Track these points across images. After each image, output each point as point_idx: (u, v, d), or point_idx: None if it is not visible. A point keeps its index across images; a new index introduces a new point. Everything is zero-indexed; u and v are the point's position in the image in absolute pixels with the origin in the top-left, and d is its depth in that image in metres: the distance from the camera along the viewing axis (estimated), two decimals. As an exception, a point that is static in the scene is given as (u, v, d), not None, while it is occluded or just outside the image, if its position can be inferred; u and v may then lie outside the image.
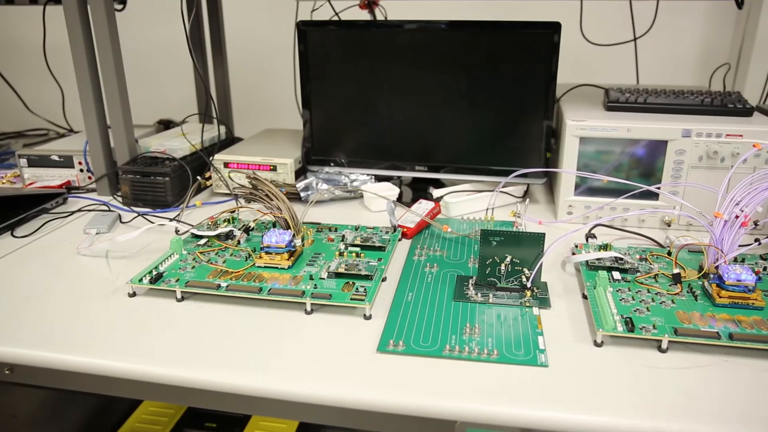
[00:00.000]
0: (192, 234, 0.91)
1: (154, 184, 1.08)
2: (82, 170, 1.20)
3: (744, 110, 0.99)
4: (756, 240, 0.83)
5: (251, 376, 0.61)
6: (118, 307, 0.74)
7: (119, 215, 1.04)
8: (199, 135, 1.25)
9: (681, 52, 1.79)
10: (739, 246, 0.76)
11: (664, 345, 0.64)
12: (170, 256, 0.84)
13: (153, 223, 0.98)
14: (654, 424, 0.54)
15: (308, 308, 0.72)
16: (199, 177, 1.13)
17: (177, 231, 0.95)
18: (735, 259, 0.80)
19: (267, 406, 0.64)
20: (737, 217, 0.73)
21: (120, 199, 1.12)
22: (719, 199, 0.76)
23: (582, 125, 0.96)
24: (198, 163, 1.18)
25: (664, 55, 1.74)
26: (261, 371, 0.62)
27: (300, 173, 1.18)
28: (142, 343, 0.67)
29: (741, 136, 0.92)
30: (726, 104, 1.00)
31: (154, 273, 0.78)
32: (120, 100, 1.10)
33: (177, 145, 1.19)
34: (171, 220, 1.00)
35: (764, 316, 0.68)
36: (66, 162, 1.20)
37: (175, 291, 0.76)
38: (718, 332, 0.64)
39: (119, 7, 1.27)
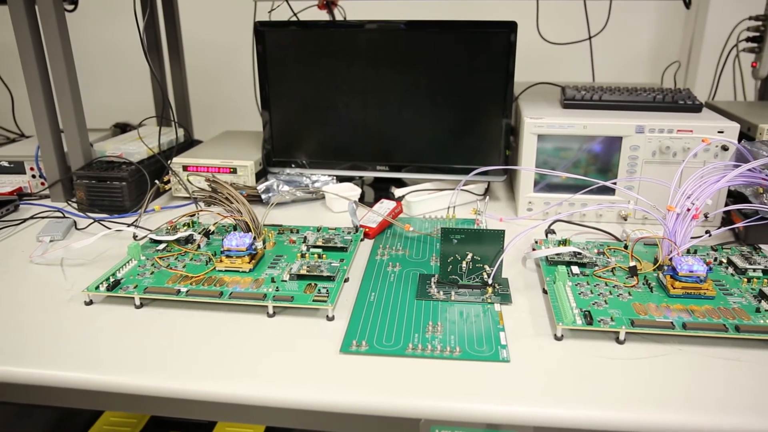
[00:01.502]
0: (150, 239, 0.89)
1: (111, 189, 1.06)
2: (34, 176, 1.16)
3: (693, 106, 1.02)
4: (707, 232, 0.86)
5: (214, 381, 0.60)
6: (75, 316, 0.72)
7: (74, 222, 1.01)
8: (157, 138, 1.22)
9: (634, 50, 1.84)
10: (692, 238, 0.78)
11: (622, 336, 0.65)
12: (128, 262, 0.82)
13: (110, 229, 0.95)
14: (614, 414, 0.55)
15: (270, 311, 0.72)
16: (157, 181, 1.11)
17: (135, 236, 0.93)
18: (688, 251, 0.83)
19: (231, 411, 0.63)
20: (689, 210, 0.76)
21: (75, 205, 1.09)
22: (671, 192, 0.78)
23: (539, 123, 0.98)
24: (156, 167, 1.16)
25: (618, 54, 1.79)
26: (224, 376, 0.61)
27: (261, 175, 1.17)
28: (101, 352, 0.65)
29: (691, 131, 0.95)
30: (677, 101, 1.03)
31: (112, 280, 0.76)
32: (73, 103, 1.07)
33: (134, 148, 1.16)
34: (129, 225, 0.98)
35: (715, 305, 0.70)
36: (17, 168, 1.16)
37: (133, 298, 0.74)
38: (672, 322, 0.66)
39: (70, 7, 1.23)
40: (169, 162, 1.14)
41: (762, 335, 0.64)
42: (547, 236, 0.92)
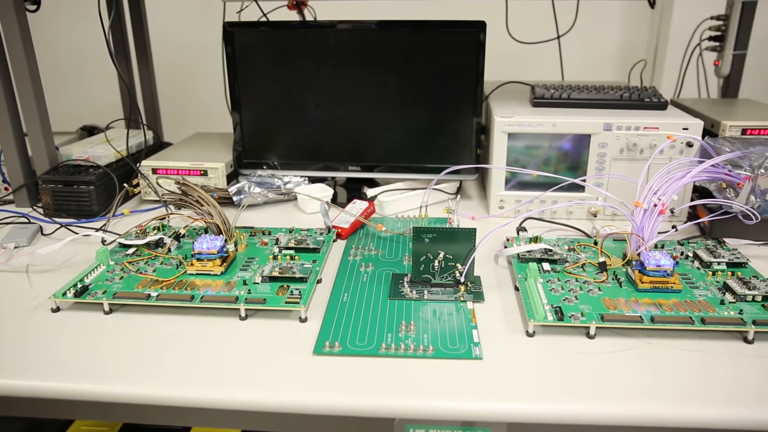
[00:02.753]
0: (119, 244, 0.88)
1: (78, 193, 1.04)
2: (-3, 181, 1.13)
3: (659, 104, 1.04)
4: (673, 227, 0.87)
5: (187, 386, 0.60)
6: (41, 324, 0.71)
7: (40, 227, 0.99)
8: (125, 141, 1.20)
9: (602, 49, 1.87)
10: (659, 233, 0.80)
11: (592, 331, 0.66)
12: (96, 267, 0.81)
13: (77, 234, 0.93)
14: (586, 408, 0.56)
15: (242, 314, 0.71)
16: (126, 185, 1.09)
17: (103, 241, 0.92)
18: (655, 246, 0.85)
19: (205, 416, 0.62)
20: (655, 205, 0.77)
21: (41, 210, 1.07)
22: (638, 189, 0.80)
23: (509, 121, 0.99)
24: (125, 170, 1.14)
25: (587, 52, 1.81)
26: (196, 381, 0.60)
27: (232, 177, 1.16)
28: (69, 360, 0.64)
29: (657, 128, 0.97)
30: (643, 99, 1.05)
31: (79, 286, 0.75)
32: (36, 106, 1.05)
33: (101, 152, 1.14)
34: (97, 230, 0.96)
35: (682, 298, 0.71)
36: (-21, 173, 1.13)
37: (102, 303, 0.73)
38: (640, 316, 0.67)
39: (32, 7, 1.21)
40: (138, 165, 1.12)
41: (726, 327, 0.65)
42: (518, 234, 0.93)
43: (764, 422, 0.55)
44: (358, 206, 1.02)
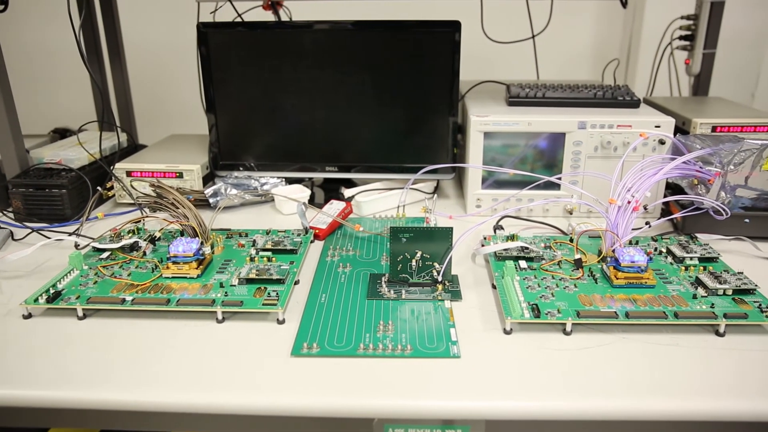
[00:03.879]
0: (93, 248, 0.87)
1: (50, 197, 1.02)
2: (-34, 186, 1.11)
3: (632, 102, 1.05)
4: (647, 223, 0.89)
5: (164, 391, 0.59)
6: (12, 331, 0.69)
7: (11, 232, 0.97)
8: (98, 143, 1.18)
9: (576, 48, 1.89)
10: (633, 229, 0.81)
11: (569, 328, 0.67)
12: (69, 272, 0.79)
13: (49, 238, 0.92)
14: (563, 404, 0.56)
15: (219, 317, 0.70)
16: (99, 188, 1.08)
17: (77, 245, 0.90)
18: (630, 242, 0.86)
19: (183, 420, 0.61)
20: (629, 202, 0.78)
21: (11, 214, 1.05)
22: (613, 186, 0.81)
23: (485, 120, 0.99)
24: (98, 173, 1.12)
25: (561, 52, 1.83)
26: (173, 385, 0.60)
27: (208, 179, 1.15)
28: (43, 367, 0.62)
29: (630, 126, 0.98)
30: (616, 97, 1.06)
31: (52, 291, 0.73)
32: (6, 108, 1.03)
33: (74, 154, 1.12)
34: (70, 234, 0.95)
35: (656, 293, 0.73)
36: (-53, 177, 1.10)
37: (75, 309, 0.71)
38: (615, 312, 0.68)
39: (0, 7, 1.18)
40: (111, 168, 1.11)
41: (698, 320, 0.67)
42: (495, 232, 0.93)
43: (736, 413, 0.56)
44: (335, 207, 1.01)
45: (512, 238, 0.87)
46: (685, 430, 0.58)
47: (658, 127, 0.98)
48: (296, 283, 0.79)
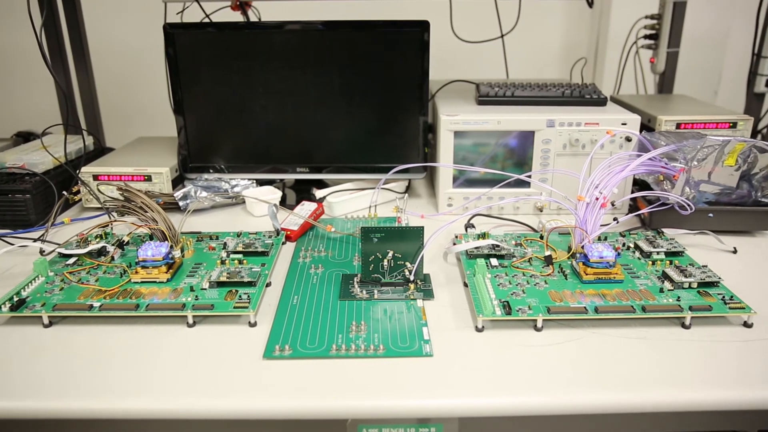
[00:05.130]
0: (59, 254, 0.85)
1: (13, 202, 1.00)
2: (-75, 192, 1.07)
3: (599, 100, 1.07)
4: (615, 219, 0.90)
5: (134, 398, 0.58)
6: (-25, 340, 0.67)
7: (-27, 239, 0.94)
8: (63, 147, 1.16)
9: (544, 47, 1.91)
10: (601, 225, 0.82)
11: (539, 324, 0.68)
12: (34, 279, 0.77)
13: (13, 245, 0.89)
14: (535, 399, 0.57)
15: (190, 321, 0.69)
16: (65, 192, 1.05)
17: (42, 251, 0.88)
18: (599, 238, 0.87)
19: (155, 427, 0.60)
20: (597, 199, 0.79)
21: (-27, 221, 1.02)
22: (581, 183, 0.82)
23: (455, 120, 1.00)
24: (64, 178, 1.10)
25: (530, 51, 1.85)
26: (144, 392, 0.59)
27: (178, 182, 1.13)
28: (8, 377, 0.61)
29: (597, 124, 1.00)
30: (583, 95, 1.08)
31: (16, 299, 0.72)
32: (-34, 113, 1.00)
33: (38, 158, 1.10)
34: (35, 240, 0.93)
35: (624, 288, 0.74)
36: None
37: (41, 316, 0.70)
38: (585, 307, 0.69)
39: (-42, 9, 1.15)
40: (77, 171, 1.08)
41: (665, 314, 0.68)
42: (466, 230, 0.94)
43: (703, 402, 0.57)
44: (307, 208, 1.01)
45: (483, 236, 0.88)
46: (655, 420, 0.59)
47: (625, 124, 1.00)
48: (268, 285, 0.79)
